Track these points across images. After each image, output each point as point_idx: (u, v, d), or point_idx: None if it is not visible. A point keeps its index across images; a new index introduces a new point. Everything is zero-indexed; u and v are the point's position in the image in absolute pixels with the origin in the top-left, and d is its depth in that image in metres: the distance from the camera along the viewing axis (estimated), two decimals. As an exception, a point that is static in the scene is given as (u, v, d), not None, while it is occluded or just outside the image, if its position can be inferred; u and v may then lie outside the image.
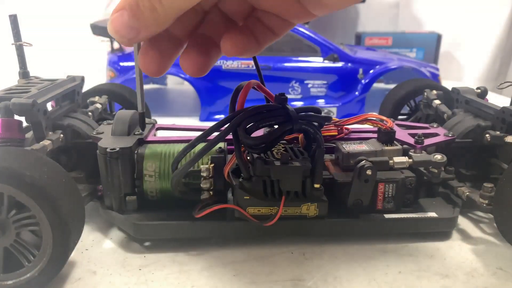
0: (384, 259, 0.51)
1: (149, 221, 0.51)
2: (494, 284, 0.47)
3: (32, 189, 0.41)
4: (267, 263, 0.50)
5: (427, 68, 1.17)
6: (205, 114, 1.11)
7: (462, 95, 0.68)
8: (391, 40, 1.42)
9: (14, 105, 0.49)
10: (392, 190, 0.54)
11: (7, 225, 0.43)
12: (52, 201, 0.41)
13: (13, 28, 0.62)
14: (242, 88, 0.49)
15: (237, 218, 0.51)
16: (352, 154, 0.54)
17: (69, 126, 0.57)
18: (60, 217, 0.42)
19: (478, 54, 1.53)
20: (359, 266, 0.50)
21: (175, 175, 0.48)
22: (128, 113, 0.57)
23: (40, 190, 0.41)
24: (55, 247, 0.42)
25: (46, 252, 0.42)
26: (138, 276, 0.48)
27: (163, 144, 0.55)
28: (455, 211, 0.55)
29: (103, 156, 0.51)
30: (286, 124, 0.48)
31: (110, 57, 1.13)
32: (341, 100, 1.12)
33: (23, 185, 0.40)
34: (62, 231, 0.42)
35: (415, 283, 0.47)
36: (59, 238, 0.42)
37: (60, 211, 0.41)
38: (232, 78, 1.10)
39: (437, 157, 0.53)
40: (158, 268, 0.49)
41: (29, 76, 0.65)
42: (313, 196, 0.50)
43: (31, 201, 0.41)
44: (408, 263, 0.50)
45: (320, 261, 0.51)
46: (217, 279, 0.47)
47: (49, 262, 0.43)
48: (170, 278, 0.47)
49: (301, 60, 1.11)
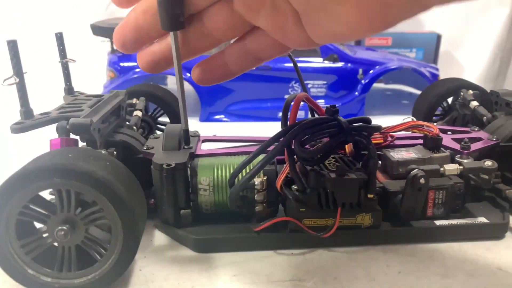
0: (384, 259, 0.51)
1: (208, 235, 0.52)
2: (494, 284, 0.47)
3: (102, 186, 0.43)
4: (267, 263, 0.51)
5: (427, 68, 1.17)
6: (205, 115, 1.12)
7: (502, 97, 0.68)
8: (391, 40, 1.41)
9: (72, 125, 0.51)
10: (442, 196, 0.54)
11: (76, 222, 0.45)
12: (120, 196, 0.43)
13: (59, 46, 0.64)
14: (292, 101, 0.49)
15: (292, 230, 0.51)
16: (401, 163, 0.55)
17: (121, 142, 0.58)
18: (129, 212, 0.43)
19: (478, 54, 1.52)
20: (359, 266, 0.50)
21: (234, 188, 0.49)
22: (177, 128, 0.58)
23: (108, 187, 0.43)
24: (125, 241, 0.44)
25: (116, 246, 0.44)
26: (138, 276, 0.48)
27: (214, 157, 0.56)
28: (505, 215, 0.56)
29: (158, 172, 0.52)
30: (339, 135, 0.48)
31: (110, 57, 1.14)
32: (341, 100, 1.12)
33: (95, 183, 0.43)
34: (131, 225, 0.44)
35: (415, 283, 0.47)
36: (129, 233, 0.44)
37: (129, 205, 0.43)
38: (232, 78, 1.10)
39: (488, 164, 0.54)
40: (158, 268, 0.50)
41: (74, 92, 0.67)
42: (367, 206, 0.51)
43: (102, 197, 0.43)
44: (408, 263, 0.50)
45: (320, 261, 0.51)
46: (217, 279, 0.48)
47: (121, 255, 0.44)
48: (170, 279, 0.48)
49: (301, 60, 1.11)
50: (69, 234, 0.44)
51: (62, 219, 0.44)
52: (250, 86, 1.10)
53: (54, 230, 0.44)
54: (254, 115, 1.11)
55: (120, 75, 1.10)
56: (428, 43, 1.41)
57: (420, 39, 1.41)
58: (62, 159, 0.44)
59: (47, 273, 0.45)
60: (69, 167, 0.42)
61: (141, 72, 1.09)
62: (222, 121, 1.12)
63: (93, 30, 1.12)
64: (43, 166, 0.43)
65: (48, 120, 0.53)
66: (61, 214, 0.44)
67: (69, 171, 0.42)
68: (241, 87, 1.11)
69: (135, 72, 1.09)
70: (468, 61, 1.55)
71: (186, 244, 0.53)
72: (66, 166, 0.43)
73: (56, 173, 0.42)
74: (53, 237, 0.44)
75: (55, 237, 0.44)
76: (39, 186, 0.43)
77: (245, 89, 1.11)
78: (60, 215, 0.44)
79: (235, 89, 1.12)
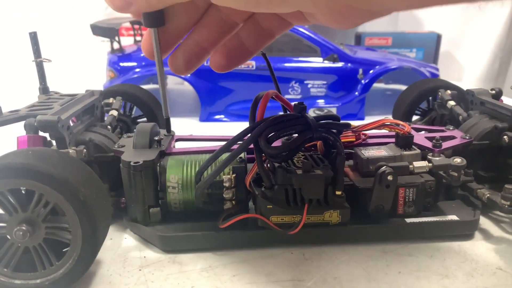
0: (384, 259, 0.51)
1: (174, 232, 0.52)
2: (494, 284, 0.47)
3: (60, 184, 0.42)
4: (267, 263, 0.50)
5: (427, 68, 1.18)
6: (205, 114, 1.12)
7: (477, 96, 0.68)
8: (391, 40, 1.42)
9: (39, 122, 0.50)
10: (412, 194, 0.54)
11: (37, 223, 0.44)
12: (77, 193, 0.42)
13: (33, 45, 0.64)
14: (261, 98, 0.49)
15: (260, 227, 0.51)
16: (371, 160, 0.55)
17: (91, 140, 0.58)
18: (88, 212, 0.43)
19: (478, 54, 1.53)
20: (359, 266, 0.50)
21: (199, 186, 0.49)
22: (148, 126, 0.58)
23: (67, 185, 0.42)
24: (84, 245, 0.43)
25: (75, 250, 0.43)
26: (138, 276, 0.48)
27: (184, 155, 0.55)
28: (476, 213, 0.55)
29: (126, 169, 0.52)
30: (306, 132, 0.48)
31: (110, 57, 1.15)
32: (341, 100, 1.13)
33: (52, 182, 0.42)
34: (90, 227, 0.43)
35: (415, 283, 0.47)
36: (87, 235, 0.43)
37: (87, 205, 0.43)
38: (232, 79, 1.11)
39: (457, 161, 0.54)
40: (158, 268, 0.49)
41: (49, 91, 0.66)
42: (335, 203, 0.51)
43: (61, 197, 0.42)
44: (408, 263, 0.50)
45: (320, 261, 0.51)
46: (217, 279, 0.48)
47: (78, 260, 0.44)
48: (170, 279, 0.48)
49: (301, 60, 1.12)
50: (28, 232, 0.43)
51: (17, 222, 0.44)
52: (250, 86, 1.11)
53: (13, 231, 0.43)
54: (254, 115, 1.11)
55: (120, 75, 1.11)
56: (428, 43, 1.42)
57: (420, 39, 1.43)
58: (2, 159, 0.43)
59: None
60: (7, 165, 0.42)
61: (141, 72, 1.10)
62: (222, 121, 1.12)
63: (93, 30, 1.12)
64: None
65: (16, 118, 0.53)
66: (13, 217, 0.44)
67: (8, 169, 0.42)
68: (241, 87, 1.11)
69: (135, 72, 1.10)
70: (468, 61, 1.56)
71: (153, 242, 0.53)
72: (4, 164, 0.42)
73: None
74: (15, 240, 0.44)
75: (15, 238, 0.43)
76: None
77: (245, 89, 1.11)
78: (13, 218, 0.44)
79: (235, 89, 1.12)
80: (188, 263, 0.50)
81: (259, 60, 1.09)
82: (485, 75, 1.54)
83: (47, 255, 0.44)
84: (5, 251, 0.44)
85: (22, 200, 0.44)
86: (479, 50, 1.52)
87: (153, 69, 1.09)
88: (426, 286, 0.47)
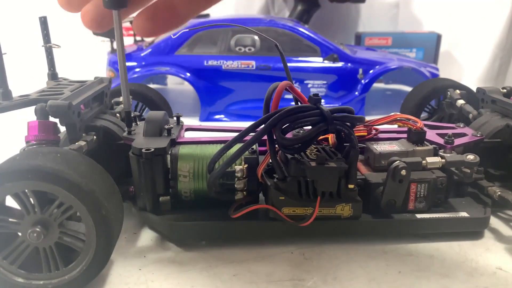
0: (384, 259, 0.51)
1: (185, 221, 0.51)
2: (494, 284, 0.47)
3: (86, 195, 0.42)
4: (267, 263, 0.50)
5: (427, 68, 1.17)
6: (205, 114, 1.12)
7: (488, 95, 0.68)
8: (391, 40, 1.42)
9: (51, 107, 0.50)
10: (424, 190, 0.54)
11: (52, 226, 0.43)
12: (100, 207, 0.42)
13: (42, 30, 0.63)
14: (275, 89, 0.49)
15: (271, 218, 0.51)
16: (384, 155, 0.54)
17: (101, 127, 0.57)
18: (106, 227, 0.42)
19: (478, 54, 1.53)
20: (359, 266, 0.50)
21: (212, 175, 0.48)
22: (160, 114, 0.57)
23: (92, 197, 0.42)
24: (94, 257, 0.43)
25: (84, 260, 0.43)
26: (138, 276, 0.48)
27: (195, 145, 0.55)
28: (487, 210, 0.55)
29: (136, 157, 0.51)
30: (321, 124, 0.48)
31: (110, 57, 1.14)
32: (341, 100, 1.13)
33: (66, 184, 0.41)
34: (105, 241, 0.43)
35: (415, 283, 0.47)
36: (100, 249, 0.43)
37: (107, 220, 0.42)
38: (232, 78, 1.10)
39: (470, 157, 0.53)
40: (158, 268, 0.49)
41: (58, 77, 0.66)
42: (348, 197, 0.51)
43: (83, 208, 0.42)
44: (408, 263, 0.50)
45: (320, 261, 0.51)
46: (217, 279, 0.47)
47: (85, 271, 0.44)
48: (170, 278, 0.48)
49: (301, 60, 1.12)
50: (42, 234, 0.43)
51: (32, 222, 0.43)
52: (250, 86, 1.10)
53: (27, 230, 0.43)
54: (254, 115, 1.10)
55: None
56: (428, 43, 1.41)
57: (420, 39, 1.42)
58: (5, 164, 0.42)
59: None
60: (13, 168, 0.41)
61: (141, 72, 1.09)
62: (222, 121, 1.11)
63: (93, 30, 1.11)
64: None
65: (26, 102, 0.53)
66: (29, 217, 0.43)
67: (15, 172, 0.41)
68: (241, 87, 1.11)
69: (135, 72, 1.09)
70: (468, 61, 1.56)
71: (163, 230, 0.52)
72: (10, 168, 0.41)
73: (4, 178, 0.41)
74: (27, 240, 0.43)
75: (28, 237, 0.43)
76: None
77: (245, 89, 1.11)
78: (29, 218, 0.43)
79: (235, 89, 1.11)
80: (188, 263, 0.50)
81: (259, 60, 1.09)
82: (485, 75, 1.54)
83: (55, 259, 0.44)
84: (14, 248, 0.44)
85: (42, 201, 0.43)
86: (479, 50, 1.52)
87: (153, 69, 1.09)
88: (426, 286, 0.47)
